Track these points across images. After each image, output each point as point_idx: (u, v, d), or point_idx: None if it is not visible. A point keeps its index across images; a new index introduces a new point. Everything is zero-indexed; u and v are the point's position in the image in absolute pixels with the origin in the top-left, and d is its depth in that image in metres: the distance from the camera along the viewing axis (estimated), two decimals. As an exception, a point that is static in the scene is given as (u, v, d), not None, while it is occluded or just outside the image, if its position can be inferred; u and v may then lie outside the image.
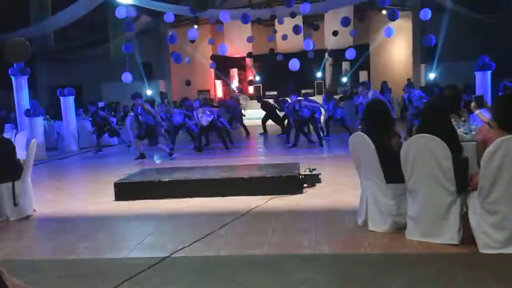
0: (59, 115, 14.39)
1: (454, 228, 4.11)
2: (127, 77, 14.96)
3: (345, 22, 17.00)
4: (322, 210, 5.63)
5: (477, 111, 5.40)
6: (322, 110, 13.62)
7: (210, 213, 5.71)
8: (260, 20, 20.25)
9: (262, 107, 15.57)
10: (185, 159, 10.49)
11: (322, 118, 14.11)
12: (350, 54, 17.34)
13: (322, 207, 5.75)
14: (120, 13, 14.12)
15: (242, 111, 17.87)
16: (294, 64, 15.10)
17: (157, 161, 10.64)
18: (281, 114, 14.70)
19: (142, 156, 10.75)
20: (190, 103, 12.57)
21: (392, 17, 14.81)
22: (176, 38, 17.03)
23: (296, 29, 17.42)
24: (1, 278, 1.86)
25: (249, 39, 20.62)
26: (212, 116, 11.74)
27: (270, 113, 15.22)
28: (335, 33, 19.30)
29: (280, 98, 14.03)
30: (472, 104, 5.50)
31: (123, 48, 15.27)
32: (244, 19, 16.08)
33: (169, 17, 15.84)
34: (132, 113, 17.28)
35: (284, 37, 19.88)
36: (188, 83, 20.12)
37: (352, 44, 22.28)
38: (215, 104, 14.77)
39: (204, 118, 11.69)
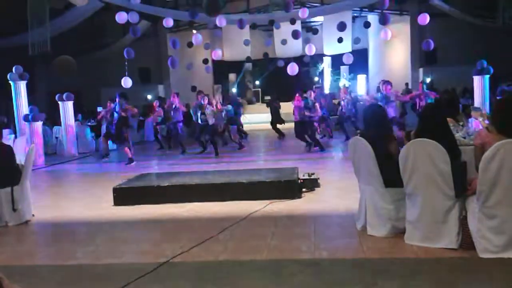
0: (58, 120, 14.40)
1: (453, 232, 4.11)
2: (127, 81, 14.96)
3: (341, 27, 17.05)
4: (321, 215, 5.63)
5: (480, 118, 5.42)
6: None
7: (209, 218, 5.71)
8: (255, 25, 20.30)
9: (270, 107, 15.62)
10: (183, 164, 10.50)
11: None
12: (348, 59, 17.40)
13: (321, 212, 5.75)
14: (120, 18, 14.14)
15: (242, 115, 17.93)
16: (293, 69, 15.13)
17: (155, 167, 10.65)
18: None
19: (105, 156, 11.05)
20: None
21: (383, 21, 14.88)
22: (178, 43, 17.06)
23: (295, 34, 17.46)
24: (1, 285, 1.87)
25: (246, 42, 20.68)
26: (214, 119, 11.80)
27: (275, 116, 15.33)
28: (340, 40, 19.34)
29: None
30: (473, 112, 5.54)
31: (124, 53, 15.29)
32: (240, 24, 16.12)
33: (168, 22, 15.88)
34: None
35: (284, 42, 19.91)
36: (193, 89, 20.17)
37: (351, 49, 22.36)
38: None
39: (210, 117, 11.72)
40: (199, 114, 11.89)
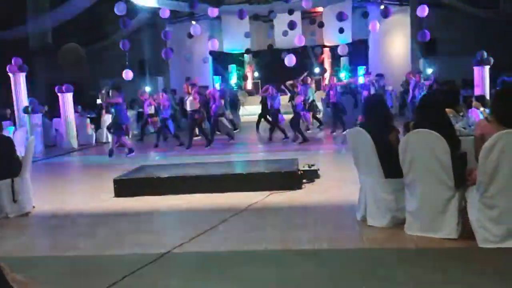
0: (58, 112, 14.38)
1: (452, 222, 4.12)
2: (128, 74, 14.92)
3: (340, 17, 17.01)
4: (321, 206, 5.64)
5: (481, 108, 5.41)
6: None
7: (209, 209, 5.72)
8: (258, 16, 20.19)
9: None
10: (184, 155, 10.50)
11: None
12: (343, 50, 17.47)
13: (321, 203, 5.76)
14: (119, 10, 14.06)
15: (241, 107, 17.88)
16: (290, 60, 15.13)
17: (156, 158, 10.67)
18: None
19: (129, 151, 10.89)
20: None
21: (385, 14, 14.86)
22: (170, 34, 16.96)
23: (291, 25, 17.39)
24: (1, 273, 1.88)
25: (247, 34, 20.59)
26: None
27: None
28: (341, 30, 19.28)
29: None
30: (474, 103, 5.52)
31: (120, 45, 15.24)
32: (240, 15, 16.05)
33: (164, 13, 15.80)
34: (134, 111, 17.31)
35: (285, 34, 19.80)
36: (187, 79, 20.10)
37: (351, 39, 22.27)
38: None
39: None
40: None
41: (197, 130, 12.32)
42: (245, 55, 24.93)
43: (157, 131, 13.01)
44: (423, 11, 14.38)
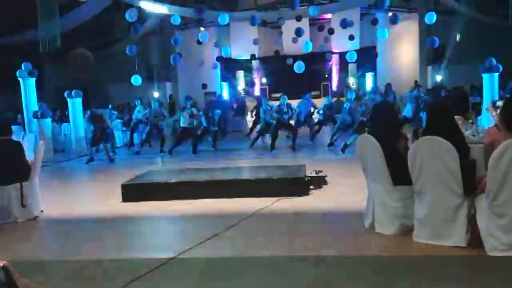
0: (67, 117, 14.47)
1: (461, 230, 4.09)
2: (136, 79, 14.99)
3: (344, 24, 17.06)
4: (328, 212, 5.62)
5: (494, 113, 5.37)
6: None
7: (216, 215, 5.72)
8: (266, 22, 20.24)
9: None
10: (191, 161, 10.51)
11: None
12: (351, 56, 17.48)
13: (328, 209, 5.74)
14: (131, 16, 14.16)
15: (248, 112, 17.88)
16: (299, 67, 15.16)
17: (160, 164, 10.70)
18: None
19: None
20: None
21: (393, 21, 14.86)
22: (180, 41, 17.06)
23: (298, 32, 17.44)
24: (12, 278, 1.89)
25: (255, 42, 20.66)
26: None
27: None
28: (351, 37, 19.30)
29: None
30: (490, 107, 5.50)
31: (127, 50, 15.33)
32: (252, 21, 16.12)
33: (175, 20, 15.90)
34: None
35: (294, 41, 19.85)
36: (204, 86, 20.17)
37: (359, 46, 22.25)
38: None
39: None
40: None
41: None
42: (252, 61, 25.00)
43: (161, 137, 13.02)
44: (431, 18, 14.38)
